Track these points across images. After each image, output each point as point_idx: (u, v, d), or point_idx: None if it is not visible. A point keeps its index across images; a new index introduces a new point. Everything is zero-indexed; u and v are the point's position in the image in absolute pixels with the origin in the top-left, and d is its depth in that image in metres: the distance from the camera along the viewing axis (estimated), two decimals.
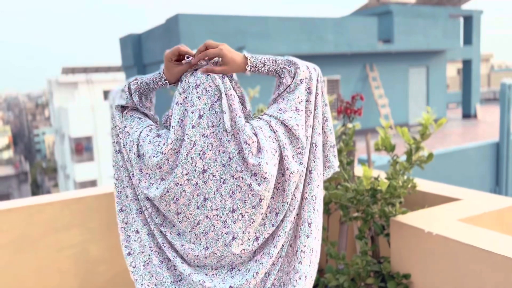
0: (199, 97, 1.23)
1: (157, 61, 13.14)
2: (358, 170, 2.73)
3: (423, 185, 2.42)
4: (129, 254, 1.38)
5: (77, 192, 2.79)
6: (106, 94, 27.21)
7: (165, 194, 1.23)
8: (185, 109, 1.24)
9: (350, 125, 2.66)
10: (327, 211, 2.57)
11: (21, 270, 2.51)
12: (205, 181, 1.23)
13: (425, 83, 16.15)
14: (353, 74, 14.37)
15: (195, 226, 1.25)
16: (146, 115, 1.40)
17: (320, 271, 3.10)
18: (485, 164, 8.58)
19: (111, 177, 23.89)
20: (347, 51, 13.59)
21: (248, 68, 1.28)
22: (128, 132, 1.32)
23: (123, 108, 1.37)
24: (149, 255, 1.33)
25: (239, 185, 1.22)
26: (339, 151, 2.19)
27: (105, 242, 2.70)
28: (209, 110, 1.23)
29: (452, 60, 17.55)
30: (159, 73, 1.33)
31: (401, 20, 14.42)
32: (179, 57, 1.31)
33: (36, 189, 41.63)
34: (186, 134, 1.21)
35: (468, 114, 17.04)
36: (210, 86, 1.24)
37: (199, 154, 1.22)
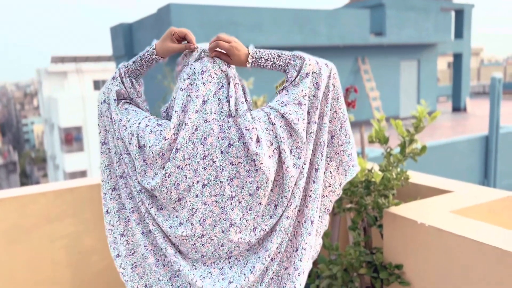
0: (204, 83, 1.24)
1: None
2: None
3: (416, 177, 2.45)
4: (117, 256, 1.39)
5: (71, 182, 2.77)
6: (96, 84, 26.96)
7: (166, 180, 1.23)
8: (189, 95, 1.24)
9: None
10: None
11: (14, 260, 2.50)
12: (205, 167, 1.23)
13: (416, 76, 16.24)
14: (345, 66, 14.40)
15: (192, 215, 1.26)
16: (139, 107, 1.40)
17: (314, 262, 3.13)
18: (474, 157, 8.69)
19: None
20: (340, 44, 13.60)
21: (249, 65, 1.29)
22: (124, 125, 1.30)
23: (116, 101, 1.36)
24: (144, 254, 1.34)
25: (238, 171, 1.23)
26: None
27: (98, 232, 2.70)
28: (213, 97, 1.24)
29: (443, 53, 17.66)
30: (150, 47, 1.33)
31: (393, 13, 14.45)
32: (180, 39, 1.33)
33: (25, 179, 41.23)
34: (189, 119, 1.22)
35: (458, 108, 17.19)
36: (216, 73, 1.26)
37: (201, 139, 1.22)
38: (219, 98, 1.24)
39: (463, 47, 17.17)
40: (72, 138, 23.83)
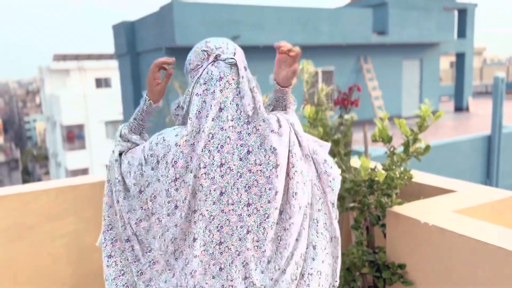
0: (221, 90, 1.22)
1: (150, 49, 13.02)
2: (354, 161, 2.74)
3: (419, 176, 2.44)
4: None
5: (72, 180, 2.77)
6: (98, 81, 26.98)
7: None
8: (204, 101, 1.22)
9: (346, 116, 2.67)
10: None
11: (15, 258, 2.50)
12: (222, 175, 1.21)
13: (419, 75, 16.20)
14: (347, 65, 14.37)
15: (210, 222, 1.23)
16: None
17: None
18: (476, 157, 8.67)
19: (102, 165, 23.82)
20: (342, 43, 13.57)
21: (289, 88, 1.41)
22: (130, 163, 1.33)
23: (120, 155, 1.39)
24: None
25: (256, 179, 1.22)
26: (337, 142, 2.20)
27: (100, 230, 2.69)
28: (230, 103, 1.22)
29: (446, 53, 17.60)
30: (143, 100, 1.36)
31: (396, 12, 14.41)
32: (158, 77, 1.35)
33: (27, 177, 41.32)
34: (206, 127, 1.20)
35: (460, 107, 17.15)
36: (233, 79, 1.24)
37: (217, 147, 1.20)
38: (236, 104, 1.22)
39: (466, 46, 17.12)
40: (74, 136, 23.87)
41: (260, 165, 1.21)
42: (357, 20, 13.68)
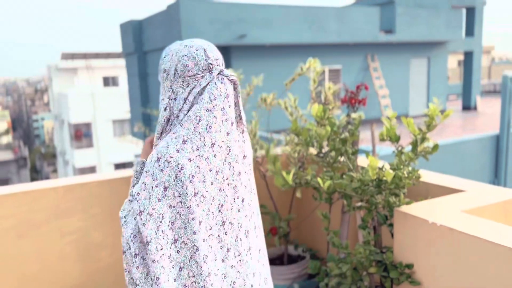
0: (230, 106, 1.30)
1: (158, 48, 13.05)
2: (360, 160, 2.73)
3: (427, 176, 2.42)
4: None
5: (80, 177, 2.78)
6: (105, 80, 27.11)
7: (211, 204, 1.26)
8: (215, 116, 1.26)
9: (354, 115, 2.65)
10: (329, 201, 2.57)
11: (24, 254, 2.52)
12: (241, 182, 1.34)
13: (426, 74, 16.09)
14: (355, 64, 14.31)
15: (211, 204, 1.26)
16: None
17: (322, 260, 3.12)
18: (484, 156, 8.60)
19: (110, 163, 23.95)
20: (349, 41, 13.51)
21: None
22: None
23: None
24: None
25: (249, 178, 1.40)
26: (344, 141, 2.19)
27: (107, 228, 2.71)
28: (235, 118, 1.36)
29: (454, 51, 17.46)
30: (140, 164, 1.38)
31: (404, 10, 14.31)
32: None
33: (35, 175, 41.65)
34: (222, 141, 1.27)
35: (468, 106, 17.01)
36: (233, 96, 1.34)
37: (235, 158, 1.30)
38: (235, 116, 1.36)
39: (474, 45, 16.97)
40: (81, 134, 24.01)
41: (251, 164, 1.43)
42: (364, 19, 13.61)
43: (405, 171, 1.99)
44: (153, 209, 1.19)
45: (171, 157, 1.20)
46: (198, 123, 1.24)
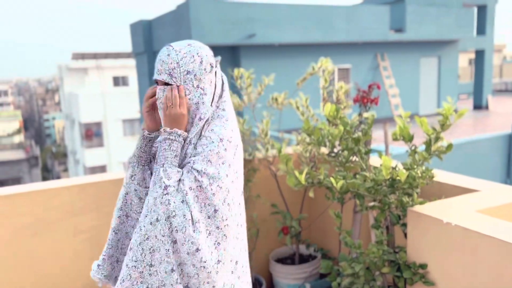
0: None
1: None
2: (372, 160, 2.72)
3: (440, 175, 2.40)
4: None
5: (94, 176, 2.81)
6: (115, 80, 27.28)
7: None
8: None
9: (366, 114, 2.64)
10: (341, 200, 2.57)
11: (38, 252, 2.55)
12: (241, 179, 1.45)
13: (437, 73, 15.95)
14: (364, 63, 14.24)
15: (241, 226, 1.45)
16: None
17: (333, 260, 3.11)
18: (496, 156, 8.50)
19: (120, 162, 24.09)
20: (358, 40, 13.44)
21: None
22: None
23: None
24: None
25: None
26: (357, 140, 2.18)
27: None
28: None
29: (465, 50, 17.28)
30: (141, 133, 1.45)
31: (414, 8, 14.20)
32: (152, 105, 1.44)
33: (46, 174, 42.07)
34: (238, 138, 1.43)
35: (479, 105, 16.83)
36: None
37: (240, 154, 1.43)
38: None
39: (486, 43, 16.78)
40: (92, 134, 24.21)
41: None
42: (374, 17, 13.53)
43: (418, 170, 1.98)
44: (223, 183, 1.31)
45: (231, 137, 1.36)
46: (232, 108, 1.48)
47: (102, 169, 24.12)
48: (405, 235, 2.16)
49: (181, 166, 1.35)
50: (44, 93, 63.15)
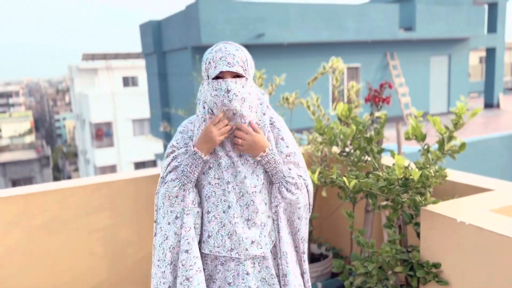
0: None
1: (177, 48, 13.17)
2: (384, 159, 2.71)
3: (453, 175, 2.40)
4: None
5: (108, 176, 2.85)
6: (125, 80, 27.45)
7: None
8: None
9: (378, 114, 2.65)
10: (353, 200, 2.57)
11: (54, 251, 2.59)
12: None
13: (447, 71, 15.82)
14: (373, 62, 14.17)
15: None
16: None
17: (344, 259, 3.12)
18: (507, 155, 8.42)
19: (130, 162, 24.26)
20: (368, 39, 13.39)
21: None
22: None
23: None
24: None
25: None
26: (370, 140, 2.19)
27: (134, 225, 2.77)
28: None
29: (475, 48, 17.11)
30: (194, 154, 1.49)
31: (423, 7, 14.09)
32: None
33: (57, 173, 42.52)
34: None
35: (490, 104, 16.67)
36: None
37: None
38: None
39: (497, 41, 16.60)
40: (102, 134, 24.39)
41: None
42: (383, 16, 13.46)
43: (431, 170, 1.98)
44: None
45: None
46: None
47: (112, 168, 24.31)
48: (418, 234, 2.16)
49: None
50: (55, 94, 63.75)
